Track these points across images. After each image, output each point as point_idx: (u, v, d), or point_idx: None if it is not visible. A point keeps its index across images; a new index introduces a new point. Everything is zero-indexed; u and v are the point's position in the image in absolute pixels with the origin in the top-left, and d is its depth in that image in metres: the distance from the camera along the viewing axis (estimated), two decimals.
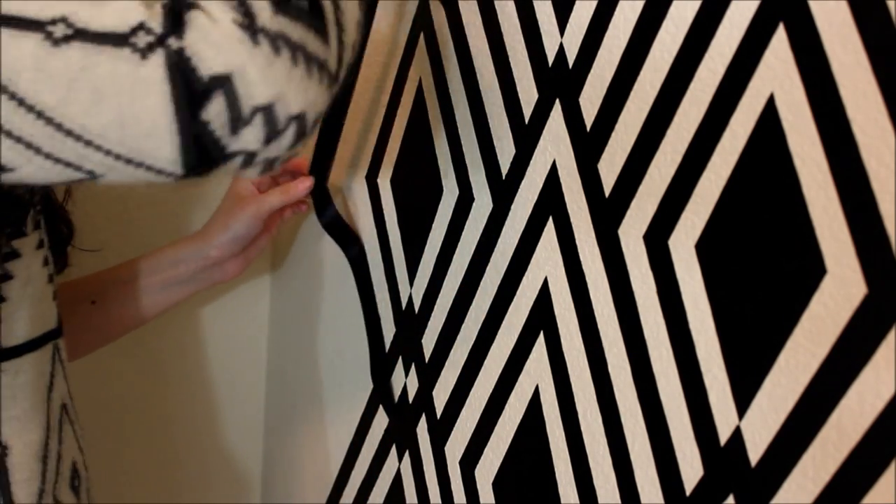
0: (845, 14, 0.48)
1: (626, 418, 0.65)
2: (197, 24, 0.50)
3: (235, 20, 0.50)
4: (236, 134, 0.51)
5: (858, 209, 0.48)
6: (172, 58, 0.50)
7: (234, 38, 0.50)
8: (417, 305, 0.89)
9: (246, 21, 0.50)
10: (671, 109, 0.60)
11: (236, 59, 0.50)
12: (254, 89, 0.50)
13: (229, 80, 0.50)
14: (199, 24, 0.50)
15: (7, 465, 0.74)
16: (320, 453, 1.16)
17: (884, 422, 0.48)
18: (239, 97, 0.50)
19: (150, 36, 0.50)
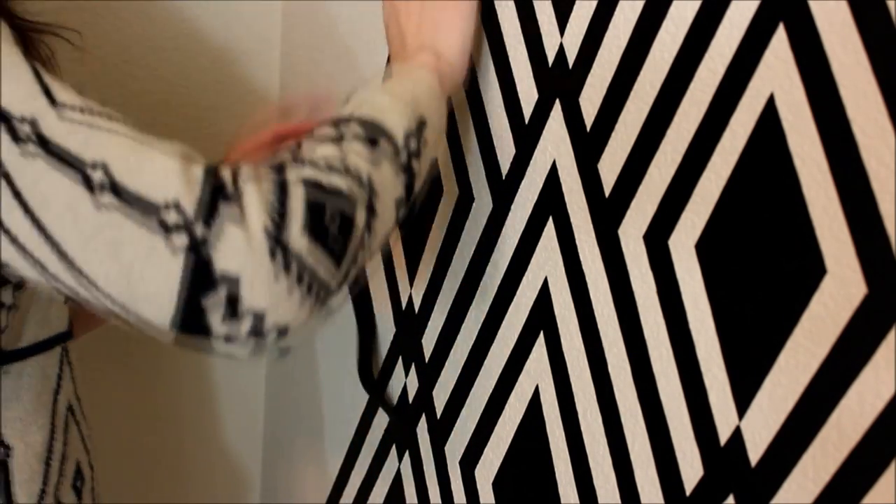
0: (845, 14, 0.48)
1: (626, 418, 0.65)
2: (227, 220, 0.53)
3: (265, 226, 0.53)
4: (225, 323, 0.54)
5: (858, 209, 0.48)
6: (194, 245, 0.53)
7: (255, 246, 0.53)
8: (417, 305, 0.89)
9: (274, 231, 0.53)
10: (671, 109, 0.60)
11: (249, 268, 0.53)
12: (254, 296, 0.53)
13: (236, 282, 0.53)
14: (229, 221, 0.53)
15: (9, 466, 0.75)
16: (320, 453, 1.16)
17: (884, 422, 0.48)
18: (239, 298, 0.53)
19: (181, 217, 0.53)
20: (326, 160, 0.58)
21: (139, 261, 0.53)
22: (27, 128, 0.55)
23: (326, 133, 0.61)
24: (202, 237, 0.53)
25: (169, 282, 0.53)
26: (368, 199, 0.59)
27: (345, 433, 1.06)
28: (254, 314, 0.54)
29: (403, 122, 0.64)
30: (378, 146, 0.61)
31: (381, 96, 0.65)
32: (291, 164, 0.57)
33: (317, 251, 0.55)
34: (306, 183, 0.56)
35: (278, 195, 0.54)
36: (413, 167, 0.63)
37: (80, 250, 0.54)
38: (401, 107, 0.64)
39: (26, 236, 0.55)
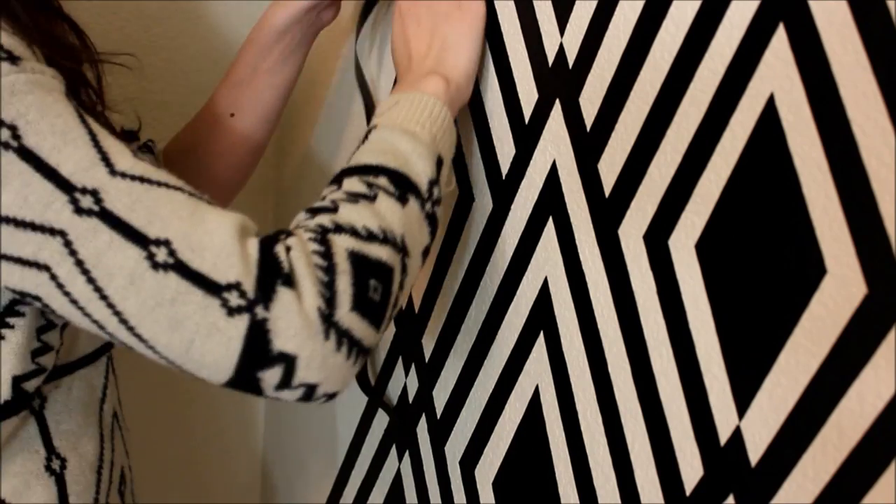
0: (845, 14, 0.48)
1: (626, 418, 0.65)
2: (285, 303, 0.56)
3: (319, 307, 0.57)
4: (277, 391, 0.59)
5: (858, 209, 0.48)
6: (255, 326, 0.56)
7: (310, 328, 0.57)
8: (417, 305, 0.89)
9: (327, 311, 0.57)
10: (671, 109, 0.60)
11: (306, 348, 0.57)
12: (309, 373, 0.58)
13: (293, 361, 0.57)
14: (287, 304, 0.56)
15: (65, 478, 0.75)
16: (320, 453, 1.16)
17: (884, 422, 0.48)
18: (294, 374, 0.57)
19: (243, 299, 0.56)
20: (366, 227, 0.61)
21: (200, 337, 0.57)
22: (89, 199, 0.57)
23: (359, 191, 0.64)
24: (262, 319, 0.56)
25: (229, 357, 0.57)
26: (403, 261, 0.63)
27: (345, 433, 1.06)
28: (306, 386, 0.59)
29: (427, 170, 0.67)
30: (408, 203, 0.65)
31: (402, 141, 0.67)
32: (334, 234, 0.60)
33: (363, 323, 0.59)
34: (352, 257, 0.59)
35: (328, 274, 0.58)
36: (436, 215, 0.68)
37: (142, 320, 0.57)
38: (424, 153, 0.67)
39: (87, 301, 0.58)
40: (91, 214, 0.57)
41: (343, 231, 0.61)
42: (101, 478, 0.79)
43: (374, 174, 0.65)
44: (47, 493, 0.74)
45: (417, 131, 0.68)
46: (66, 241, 0.57)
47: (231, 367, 0.57)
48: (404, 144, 0.67)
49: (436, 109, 0.70)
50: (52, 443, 0.74)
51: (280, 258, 0.58)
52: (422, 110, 0.70)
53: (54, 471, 0.74)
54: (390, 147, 0.67)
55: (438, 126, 0.70)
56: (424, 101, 0.70)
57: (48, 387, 0.74)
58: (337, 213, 0.62)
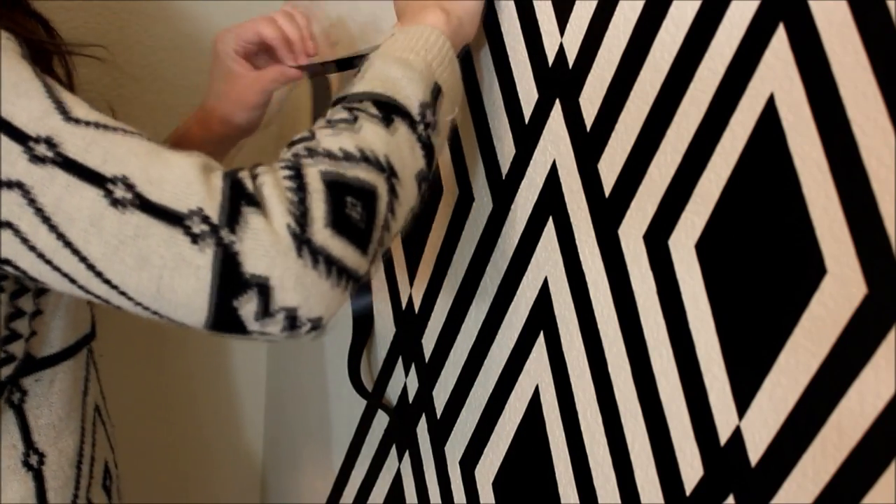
0: (845, 14, 0.48)
1: (626, 418, 0.65)
2: (251, 223, 0.54)
3: (289, 226, 0.55)
4: (258, 321, 0.55)
5: (858, 209, 0.48)
6: (222, 251, 0.54)
7: (281, 246, 0.54)
8: (417, 305, 0.89)
9: (298, 229, 0.55)
10: (671, 109, 0.60)
11: (278, 267, 0.54)
12: (285, 294, 0.55)
13: (266, 283, 0.54)
14: (254, 224, 0.54)
15: (43, 474, 0.75)
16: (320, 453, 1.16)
17: (884, 422, 0.48)
18: (271, 298, 0.54)
19: (206, 225, 0.54)
20: (343, 149, 0.58)
21: (168, 270, 0.55)
22: (44, 147, 0.56)
23: (341, 117, 0.61)
24: (228, 242, 0.54)
25: (200, 289, 0.54)
26: (389, 181, 0.59)
27: (345, 433, 1.06)
28: (286, 311, 0.55)
29: (418, 94, 0.64)
30: (393, 124, 0.61)
31: (393, 68, 0.65)
32: (307, 159, 0.58)
33: (342, 242, 0.56)
34: (325, 176, 0.57)
35: (298, 194, 0.55)
36: (431, 139, 0.64)
37: (109, 263, 0.55)
38: (415, 77, 0.64)
39: (53, 252, 0.56)
40: (46, 162, 0.55)
41: (317, 155, 0.58)
42: (80, 472, 0.79)
43: (358, 100, 0.62)
44: (24, 488, 0.74)
45: (410, 58, 0.65)
46: (24, 192, 0.55)
47: (205, 300, 0.55)
48: (395, 71, 0.64)
49: (432, 37, 0.68)
50: (31, 438, 0.73)
51: (245, 182, 0.56)
52: (417, 39, 0.67)
53: (32, 466, 0.74)
54: (380, 74, 0.64)
55: (435, 54, 0.67)
56: (421, 31, 0.68)
57: (28, 380, 0.74)
58: (313, 140, 0.60)
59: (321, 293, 0.56)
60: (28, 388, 0.74)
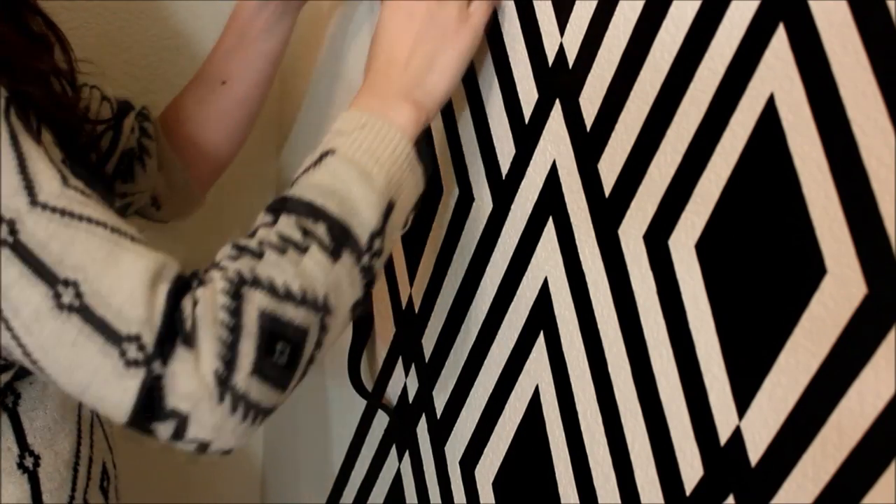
0: (845, 14, 0.48)
1: (626, 418, 0.65)
2: (181, 363, 0.57)
3: (216, 371, 0.57)
4: (171, 441, 0.59)
5: (858, 209, 0.48)
6: (150, 382, 0.57)
7: (205, 392, 0.57)
8: (417, 305, 0.89)
9: (224, 375, 0.57)
10: (671, 109, 0.60)
11: (198, 409, 0.57)
12: (200, 430, 0.58)
13: (185, 419, 0.58)
14: (183, 364, 0.57)
15: (38, 476, 0.74)
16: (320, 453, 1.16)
17: (884, 422, 0.48)
18: (186, 429, 0.58)
19: (140, 353, 0.57)
20: (286, 287, 0.60)
21: (97, 382, 0.58)
22: (5, 229, 0.57)
23: (292, 237, 0.62)
24: (157, 375, 0.57)
25: (123, 404, 0.58)
26: (322, 321, 0.62)
27: (345, 433, 1.06)
28: (197, 442, 0.59)
29: (372, 221, 0.64)
30: (340, 258, 0.63)
31: (355, 186, 0.64)
32: (250, 289, 0.59)
33: (263, 387, 0.59)
34: (261, 318, 0.59)
35: (232, 335, 0.58)
36: (373, 268, 0.66)
37: (43, 356, 0.58)
38: (373, 201, 0.64)
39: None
40: (4, 245, 0.56)
41: (260, 286, 0.59)
42: (77, 475, 0.78)
43: (313, 218, 0.63)
44: (19, 490, 0.73)
45: (374, 173, 0.65)
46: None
47: (125, 414, 0.58)
48: (356, 188, 0.64)
49: (399, 148, 0.67)
50: (26, 440, 0.73)
51: (185, 314, 0.58)
52: (385, 146, 0.67)
53: (27, 468, 0.74)
54: (341, 187, 0.64)
55: (398, 167, 0.67)
56: (390, 137, 0.67)
57: (22, 384, 0.73)
58: (260, 262, 0.61)
59: (233, 431, 0.59)
60: (21, 391, 0.73)
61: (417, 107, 0.69)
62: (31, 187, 0.58)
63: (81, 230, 0.58)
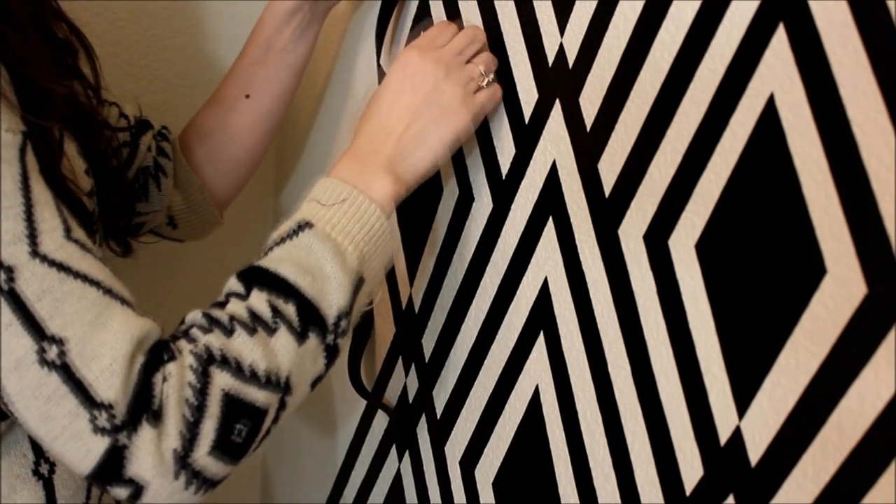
0: (845, 14, 0.48)
1: (626, 418, 0.65)
2: (145, 438, 0.60)
3: (175, 450, 0.60)
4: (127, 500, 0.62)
5: (858, 209, 0.48)
6: (113, 449, 0.60)
7: (163, 466, 0.60)
8: (417, 305, 0.89)
9: (183, 454, 0.61)
10: (671, 109, 0.60)
11: (155, 482, 0.60)
12: (155, 498, 0.61)
13: (141, 488, 0.61)
14: (147, 440, 0.60)
15: (53, 482, 0.75)
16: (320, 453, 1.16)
17: (884, 422, 0.48)
18: (141, 495, 0.61)
19: (109, 423, 0.59)
20: (252, 367, 0.62)
21: (64, 438, 0.60)
22: (2, 276, 0.58)
23: (263, 316, 0.64)
24: (122, 445, 0.60)
25: (85, 463, 0.60)
26: (282, 399, 0.64)
27: (345, 433, 1.06)
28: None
29: (341, 303, 0.66)
30: (307, 339, 0.65)
31: (328, 263, 0.66)
32: (216, 368, 0.62)
33: (219, 463, 0.62)
34: (225, 399, 0.61)
35: (196, 414, 0.61)
36: (338, 346, 0.68)
37: (17, 402, 0.60)
38: (344, 283, 0.66)
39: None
40: (0, 292, 0.58)
41: (227, 366, 0.62)
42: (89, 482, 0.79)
43: (284, 297, 0.64)
44: (34, 496, 0.74)
45: (348, 252, 0.67)
46: None
47: (86, 471, 0.61)
48: (329, 268, 0.66)
49: (376, 225, 0.69)
50: (42, 448, 0.73)
51: (154, 390, 0.60)
52: (362, 224, 0.68)
53: (42, 475, 0.74)
54: (315, 265, 0.66)
55: (372, 245, 0.69)
56: (369, 214, 0.69)
57: None
58: (229, 339, 0.63)
59: (182, 500, 0.62)
60: None
61: (398, 181, 0.71)
62: (35, 236, 0.59)
63: (76, 288, 0.60)
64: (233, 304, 0.65)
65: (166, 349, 0.62)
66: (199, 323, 0.64)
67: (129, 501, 0.62)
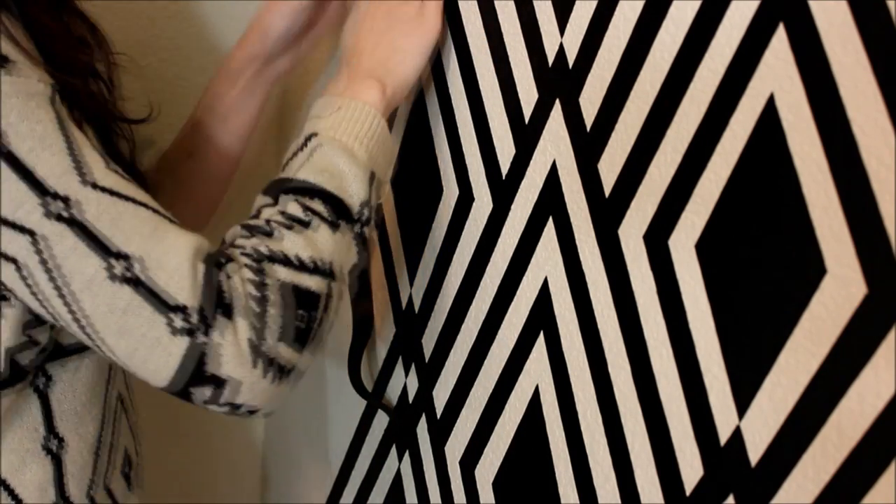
0: (845, 14, 0.48)
1: (626, 418, 0.65)
2: (222, 333, 0.63)
3: (251, 339, 0.63)
4: (205, 404, 0.66)
5: (858, 209, 0.48)
6: (193, 349, 0.63)
7: (241, 357, 0.63)
8: (417, 305, 0.89)
9: (257, 342, 0.64)
10: (671, 109, 0.60)
11: (235, 374, 0.64)
12: (235, 395, 0.65)
13: (223, 383, 0.64)
14: (224, 334, 0.63)
15: (62, 458, 0.77)
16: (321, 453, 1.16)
17: (884, 422, 0.48)
18: (223, 394, 0.64)
19: (186, 323, 0.62)
20: (299, 257, 0.67)
21: (144, 347, 0.63)
22: (60, 205, 0.61)
23: (296, 214, 0.69)
24: (200, 343, 0.62)
25: (166, 368, 0.63)
26: (331, 286, 0.69)
27: (345, 433, 1.06)
28: (231, 405, 0.66)
29: (361, 193, 0.72)
30: (339, 228, 0.70)
31: (341, 160, 0.71)
32: (270, 264, 0.66)
33: (289, 349, 0.66)
34: (283, 289, 0.65)
35: (260, 305, 0.64)
36: (364, 235, 0.73)
37: (94, 321, 0.63)
38: (359, 175, 0.71)
39: (47, 296, 0.63)
40: (59, 220, 0.61)
41: (277, 261, 0.66)
42: (98, 459, 0.80)
43: (310, 196, 0.69)
44: (43, 470, 0.76)
45: (356, 149, 0.72)
46: (34, 240, 0.61)
47: (168, 378, 0.64)
48: (342, 164, 0.71)
49: (374, 123, 0.74)
50: (53, 423, 0.76)
51: (223, 288, 0.64)
52: (361, 123, 0.73)
53: (51, 450, 0.76)
54: (330, 165, 0.71)
55: (375, 141, 0.74)
56: (365, 113, 0.74)
57: (54, 366, 0.75)
58: (272, 239, 0.67)
59: (266, 391, 0.66)
60: (53, 374, 0.76)
61: (382, 83, 0.76)
62: (81, 168, 0.63)
63: (129, 208, 0.64)
64: (266, 212, 0.69)
65: (222, 255, 0.66)
66: (239, 233, 0.68)
67: (209, 403, 0.65)
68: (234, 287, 0.64)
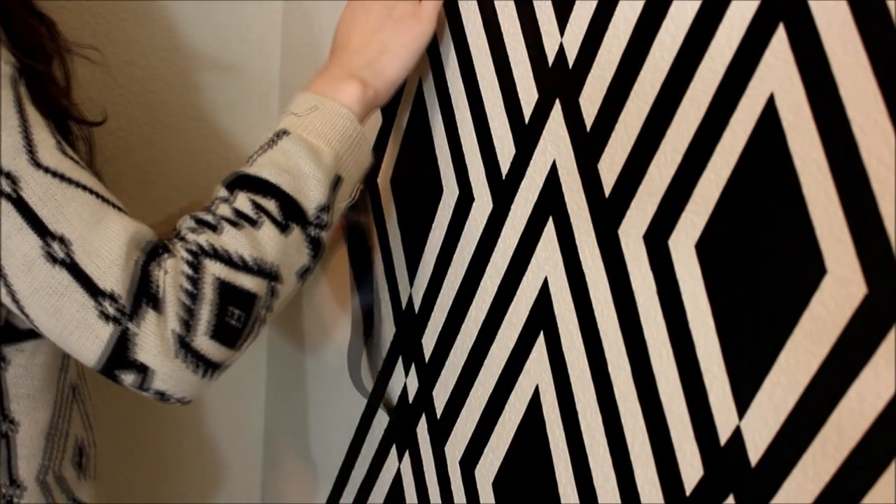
0: (845, 14, 0.48)
1: (626, 418, 0.65)
2: (149, 323, 0.64)
3: (176, 331, 0.65)
4: (134, 388, 0.67)
5: (858, 209, 0.48)
6: (120, 335, 0.64)
7: (166, 349, 0.65)
8: (417, 305, 0.89)
9: (184, 336, 0.65)
10: (671, 109, 0.60)
11: (159, 364, 0.65)
12: (160, 382, 0.66)
13: (146, 370, 0.65)
14: (151, 324, 0.64)
15: (14, 441, 0.77)
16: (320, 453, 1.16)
17: (884, 422, 0.48)
18: (145, 380, 0.66)
19: (115, 310, 0.64)
20: (240, 255, 0.67)
21: (74, 328, 0.65)
22: (5, 181, 0.63)
23: (246, 212, 0.69)
24: (127, 330, 0.64)
25: (94, 351, 0.65)
26: (271, 286, 0.69)
27: (345, 433, 1.06)
28: (157, 392, 0.67)
29: (319, 197, 0.72)
30: (290, 231, 0.70)
31: (304, 162, 0.71)
32: (207, 259, 0.67)
33: (217, 346, 0.67)
34: (219, 286, 0.66)
35: (191, 300, 0.65)
36: (321, 239, 0.73)
37: (29, 301, 0.65)
38: (321, 178, 0.71)
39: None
40: (3, 196, 0.62)
41: (217, 257, 0.67)
42: (49, 445, 0.81)
43: (264, 194, 0.69)
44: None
45: (324, 152, 0.72)
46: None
47: (95, 360, 0.65)
48: (305, 165, 0.71)
49: (348, 126, 0.74)
50: (7, 405, 0.77)
51: (155, 280, 0.65)
52: (333, 126, 0.73)
53: (3, 433, 0.77)
54: (293, 165, 0.71)
55: (346, 145, 0.74)
56: (339, 116, 0.74)
57: (10, 350, 0.76)
58: (217, 235, 0.68)
59: (190, 383, 0.67)
60: (10, 357, 0.77)
61: (364, 84, 0.76)
62: (32, 149, 0.64)
63: (76, 194, 0.65)
64: (218, 207, 0.70)
65: (162, 247, 0.67)
66: (188, 226, 0.69)
67: (140, 389, 0.66)
68: (167, 281, 0.65)
